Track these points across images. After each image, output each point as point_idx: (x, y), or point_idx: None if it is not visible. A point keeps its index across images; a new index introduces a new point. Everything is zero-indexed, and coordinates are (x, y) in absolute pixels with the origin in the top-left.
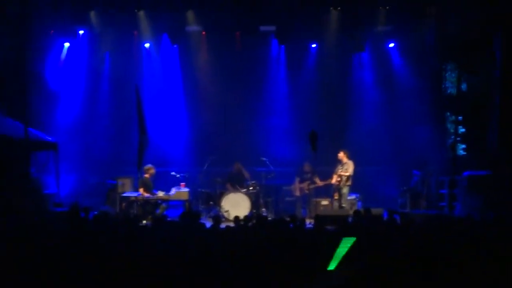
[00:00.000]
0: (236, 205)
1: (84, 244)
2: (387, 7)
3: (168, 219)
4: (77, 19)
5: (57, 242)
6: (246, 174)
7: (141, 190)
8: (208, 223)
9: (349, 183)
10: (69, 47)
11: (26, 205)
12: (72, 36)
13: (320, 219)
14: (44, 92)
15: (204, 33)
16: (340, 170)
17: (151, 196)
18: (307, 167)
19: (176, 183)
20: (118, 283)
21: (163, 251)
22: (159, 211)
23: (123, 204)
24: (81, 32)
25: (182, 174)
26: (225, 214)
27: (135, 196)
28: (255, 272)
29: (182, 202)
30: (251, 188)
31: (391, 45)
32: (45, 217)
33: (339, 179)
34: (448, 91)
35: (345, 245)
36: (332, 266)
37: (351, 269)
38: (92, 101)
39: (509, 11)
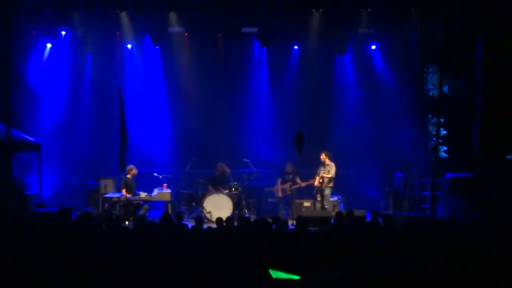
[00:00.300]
0: (218, 206)
1: (66, 245)
2: (369, 10)
3: (149, 220)
4: (59, 19)
5: (38, 243)
6: (228, 171)
7: (123, 191)
8: (190, 224)
9: (331, 184)
10: (51, 48)
11: (8, 205)
12: (54, 37)
13: (303, 221)
14: (26, 93)
15: (186, 34)
16: (322, 172)
17: (134, 197)
18: (289, 167)
19: (158, 184)
20: (100, 285)
21: (145, 252)
22: (141, 212)
23: (106, 205)
24: (63, 32)
25: (164, 175)
26: (208, 215)
27: (117, 197)
28: (237, 273)
29: (164, 203)
30: (233, 189)
31: (373, 47)
32: (27, 218)
33: (321, 180)
34: (430, 94)
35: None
36: (314, 268)
37: (334, 271)
38: (74, 102)
39: (491, 15)
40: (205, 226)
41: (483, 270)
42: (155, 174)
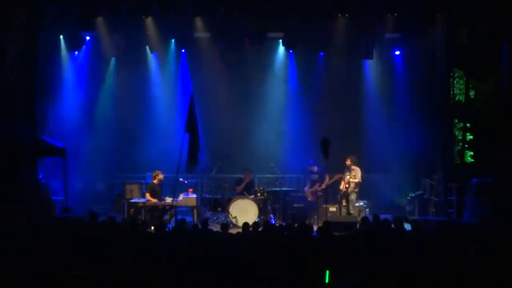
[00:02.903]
0: (243, 211)
1: (91, 250)
2: (395, 14)
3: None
4: (84, 25)
5: (64, 247)
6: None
7: (147, 195)
8: (216, 230)
9: (357, 189)
10: (76, 53)
11: (34, 211)
12: (79, 42)
13: (329, 226)
14: (52, 98)
15: (212, 39)
16: (348, 177)
17: (159, 202)
18: (312, 168)
19: (184, 189)
20: None
21: (167, 257)
22: (166, 217)
23: (132, 210)
24: (88, 38)
25: (190, 180)
26: (233, 220)
27: (142, 202)
28: (262, 278)
29: (189, 208)
30: (258, 194)
31: (397, 52)
32: (53, 223)
33: (347, 185)
34: (456, 98)
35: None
36: (341, 272)
37: (360, 275)
38: (100, 108)
39: None
40: (231, 231)
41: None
42: (180, 179)
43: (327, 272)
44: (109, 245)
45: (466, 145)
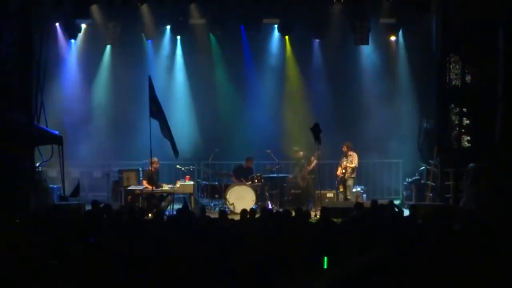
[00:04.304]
0: (241, 198)
1: (89, 238)
2: (391, 0)
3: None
4: (79, 13)
5: (62, 235)
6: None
7: (144, 182)
8: (213, 216)
9: (353, 175)
10: (71, 41)
11: (31, 198)
12: (75, 30)
13: (326, 211)
14: (48, 86)
15: (207, 25)
16: (345, 162)
17: (156, 189)
18: (298, 154)
19: (181, 176)
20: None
21: (165, 244)
22: (164, 204)
23: (129, 197)
24: (83, 26)
25: (187, 167)
26: (230, 207)
27: (140, 189)
28: (262, 265)
29: (187, 195)
30: (256, 180)
31: (393, 38)
32: (50, 210)
33: (343, 171)
34: (452, 83)
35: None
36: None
37: (358, 260)
38: (95, 95)
39: None
40: (228, 217)
41: (509, 260)
42: (177, 166)
43: (325, 258)
44: (107, 232)
45: (462, 130)
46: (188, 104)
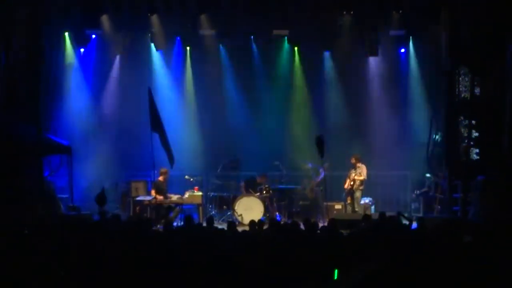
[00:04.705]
0: (249, 209)
1: (97, 247)
2: (400, 11)
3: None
4: (89, 22)
5: (70, 245)
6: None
7: (153, 192)
8: (222, 227)
9: (362, 187)
10: (81, 51)
11: (39, 208)
12: (84, 40)
13: (334, 223)
14: (57, 96)
15: (217, 36)
16: (353, 174)
17: (164, 199)
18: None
19: (189, 186)
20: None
21: (173, 254)
22: (172, 215)
23: (137, 208)
24: (93, 36)
25: (195, 178)
26: (239, 218)
27: (148, 200)
28: (269, 276)
29: (195, 206)
30: (264, 192)
31: (402, 50)
32: (58, 221)
33: (352, 183)
34: (462, 96)
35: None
36: (347, 270)
37: (365, 271)
38: (105, 105)
39: None
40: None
41: None
42: (186, 177)
43: (336, 270)
44: (115, 243)
45: (471, 142)
46: (197, 114)
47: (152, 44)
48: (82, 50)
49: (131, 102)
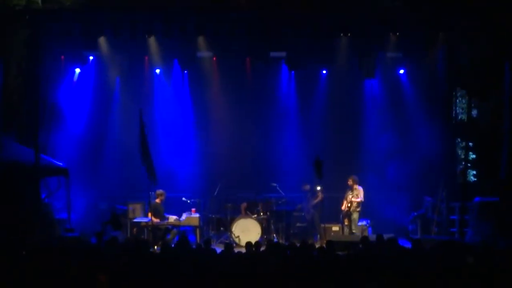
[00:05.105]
0: (246, 231)
1: (95, 270)
2: (397, 34)
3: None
4: (87, 44)
5: (68, 267)
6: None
7: (149, 215)
8: (219, 249)
9: (359, 209)
10: (79, 73)
11: (37, 230)
12: (82, 62)
13: (332, 245)
14: (55, 118)
15: (214, 58)
16: (350, 196)
17: (162, 221)
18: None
19: (187, 208)
20: None
21: (170, 276)
22: (169, 237)
23: (135, 229)
24: (91, 57)
25: (192, 200)
26: (236, 240)
27: (145, 222)
28: None
29: (192, 227)
30: (261, 213)
31: (401, 71)
32: (57, 242)
33: (349, 205)
34: (459, 117)
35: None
36: None
37: None
38: (102, 127)
39: None
40: (234, 250)
41: None
42: (183, 198)
43: None
44: (112, 264)
45: (468, 164)
46: (195, 136)
47: (150, 66)
48: (78, 70)
49: (128, 123)
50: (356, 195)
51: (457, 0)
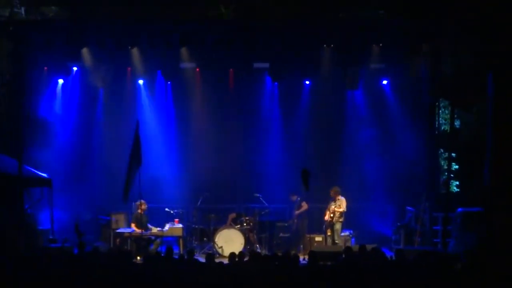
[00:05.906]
0: (230, 241)
1: (77, 280)
2: (380, 45)
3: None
4: (70, 55)
5: (51, 277)
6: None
7: (133, 225)
8: (202, 259)
9: (342, 219)
10: (62, 84)
11: (19, 240)
12: (66, 73)
13: (315, 255)
14: (38, 129)
15: (198, 70)
16: (333, 206)
17: (145, 232)
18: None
19: (170, 219)
20: None
21: (156, 286)
22: (153, 247)
23: (118, 240)
24: (74, 68)
25: (176, 210)
26: (219, 250)
27: (129, 232)
28: None
29: (175, 238)
30: (245, 224)
31: (385, 82)
32: (38, 253)
33: (331, 215)
34: (442, 128)
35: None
36: None
37: None
38: (85, 137)
39: (501, 50)
40: (217, 261)
41: None
42: (166, 209)
43: None
44: (95, 275)
45: (451, 175)
46: (178, 147)
47: (134, 78)
48: (61, 81)
49: (112, 134)
50: (339, 205)
51: (439, 11)
